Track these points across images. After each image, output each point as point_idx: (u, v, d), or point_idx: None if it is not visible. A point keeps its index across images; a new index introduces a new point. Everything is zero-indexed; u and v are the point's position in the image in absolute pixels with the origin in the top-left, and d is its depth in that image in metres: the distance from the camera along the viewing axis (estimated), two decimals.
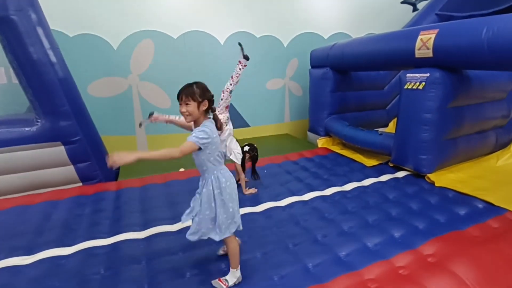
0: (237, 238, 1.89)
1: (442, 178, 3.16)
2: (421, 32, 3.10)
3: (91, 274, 1.96)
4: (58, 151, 3.24)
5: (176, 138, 4.97)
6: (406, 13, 6.12)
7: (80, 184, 3.46)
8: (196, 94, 1.65)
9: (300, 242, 2.23)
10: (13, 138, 3.03)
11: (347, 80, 4.67)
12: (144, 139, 4.84)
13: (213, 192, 1.73)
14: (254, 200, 2.92)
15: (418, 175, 3.32)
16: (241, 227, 1.84)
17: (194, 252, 2.15)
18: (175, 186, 3.35)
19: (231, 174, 1.82)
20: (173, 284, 1.85)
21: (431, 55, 3.01)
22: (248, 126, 5.44)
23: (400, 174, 3.43)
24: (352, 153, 4.15)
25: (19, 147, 3.06)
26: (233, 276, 1.82)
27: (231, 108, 5.24)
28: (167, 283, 1.86)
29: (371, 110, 5.18)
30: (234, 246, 1.81)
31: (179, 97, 1.67)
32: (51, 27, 3.91)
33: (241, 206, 1.93)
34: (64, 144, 3.25)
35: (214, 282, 1.82)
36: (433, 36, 2.97)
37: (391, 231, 2.30)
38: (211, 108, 1.73)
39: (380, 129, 4.18)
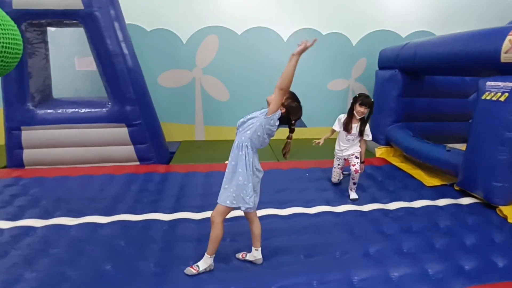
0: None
1: None
2: (511, 32, 2.51)
3: (117, 244, 2.19)
4: (122, 131, 3.68)
5: (231, 131, 5.15)
6: (511, 10, 5.05)
7: (138, 163, 3.86)
8: None
9: (316, 253, 2.07)
10: (87, 117, 3.56)
11: (418, 84, 4.11)
12: (202, 129, 5.13)
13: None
14: (281, 202, 2.84)
15: (488, 205, 2.74)
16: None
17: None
18: (215, 177, 3.46)
19: None
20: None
21: None
22: (305, 126, 5.27)
23: (465, 200, 2.88)
24: (413, 168, 3.66)
25: (91, 125, 3.57)
26: (205, 262, 1.87)
27: None
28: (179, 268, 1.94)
29: (449, 122, 4.46)
30: (218, 233, 1.83)
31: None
32: (132, 22, 4.49)
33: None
34: (128, 126, 3.67)
35: (187, 269, 1.87)
36: None
37: (426, 264, 1.96)
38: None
39: (450, 145, 3.56)
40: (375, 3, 5.01)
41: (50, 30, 3.95)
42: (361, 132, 2.92)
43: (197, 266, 1.87)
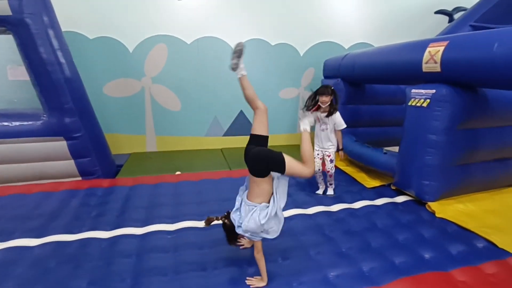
0: None
1: (446, 209, 2.79)
2: (430, 44, 2.79)
3: (54, 265, 2.03)
4: (60, 145, 3.43)
5: (184, 140, 5.10)
6: (441, 24, 5.64)
7: (80, 178, 3.63)
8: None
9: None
10: (20, 131, 3.27)
11: (360, 92, 4.38)
12: (153, 140, 4.97)
13: None
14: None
15: (420, 202, 2.98)
16: None
17: (149, 256, 2.11)
18: (164, 188, 3.37)
19: None
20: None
21: (439, 69, 2.69)
22: None
23: (400, 199, 3.11)
24: (356, 172, 3.87)
25: (24, 139, 3.29)
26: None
27: (241, 115, 5.25)
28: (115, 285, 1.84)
29: (389, 127, 4.80)
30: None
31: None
32: (72, 29, 4.27)
33: None
34: (66, 139, 3.44)
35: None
36: (441, 48, 2.66)
37: (361, 263, 2.06)
38: None
39: (389, 148, 3.84)
40: (321, 16, 5.30)
41: None
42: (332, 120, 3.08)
43: None
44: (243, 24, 4.97)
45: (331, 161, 3.16)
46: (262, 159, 1.74)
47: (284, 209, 2.81)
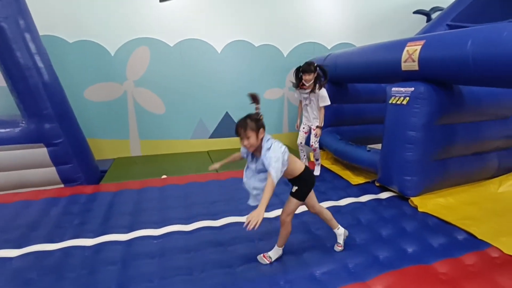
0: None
1: (428, 203, 2.87)
2: (408, 43, 2.87)
3: (35, 276, 1.98)
4: (40, 152, 3.34)
5: (169, 144, 5.05)
6: (419, 23, 5.80)
7: (62, 185, 3.54)
8: (252, 126, 1.83)
9: (246, 263, 2.09)
10: None
11: (343, 92, 4.46)
12: (138, 144, 4.90)
13: None
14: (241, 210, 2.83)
15: (402, 197, 3.05)
16: None
17: (135, 262, 2.08)
18: (149, 192, 3.33)
19: None
20: None
21: (417, 68, 2.78)
22: None
23: (384, 195, 3.17)
24: (341, 169, 3.93)
25: (2, 147, 3.19)
26: (276, 253, 2.09)
27: (226, 117, 5.25)
28: None
29: (372, 125, 4.90)
30: (288, 231, 2.06)
31: (237, 132, 1.85)
32: (51, 33, 4.17)
33: None
34: (47, 146, 3.35)
35: (259, 257, 2.08)
36: (419, 47, 2.74)
37: (347, 259, 2.10)
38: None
39: (372, 145, 3.92)
40: (304, 17, 5.36)
41: None
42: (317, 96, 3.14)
43: (269, 256, 2.07)
44: (226, 25, 4.96)
45: (315, 135, 3.25)
46: None
47: (270, 209, 2.87)
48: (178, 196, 3.22)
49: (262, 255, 2.09)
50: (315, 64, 3.00)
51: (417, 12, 5.75)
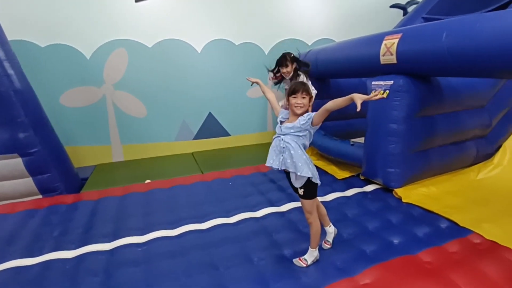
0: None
1: (411, 193, 2.92)
2: (386, 37, 2.90)
3: None
4: (15, 162, 3.20)
5: (152, 147, 4.95)
6: (396, 17, 5.89)
7: (40, 196, 3.40)
8: (309, 91, 1.93)
9: (233, 264, 2.06)
10: None
11: (325, 87, 4.46)
12: (120, 149, 4.78)
13: None
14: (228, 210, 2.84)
15: (387, 189, 3.09)
16: None
17: (119, 271, 2.02)
18: (132, 198, 3.24)
19: None
20: None
21: (395, 61, 2.81)
22: (229, 135, 5.31)
23: (369, 188, 3.21)
24: (326, 165, 3.95)
25: None
26: (311, 255, 2.01)
27: (210, 117, 5.19)
28: None
29: (355, 119, 4.93)
30: (317, 229, 1.99)
31: (296, 91, 1.88)
32: (21, 38, 4.00)
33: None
34: (22, 155, 3.21)
35: (295, 261, 2.02)
36: (396, 41, 2.77)
37: (332, 256, 2.10)
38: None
39: (355, 139, 3.96)
40: (283, 14, 5.34)
41: None
42: None
43: (305, 260, 2.00)
44: (205, 24, 4.90)
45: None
46: None
47: (257, 209, 2.84)
48: (163, 200, 3.15)
49: (298, 258, 2.02)
50: (292, 55, 3.02)
51: (393, 6, 5.84)
